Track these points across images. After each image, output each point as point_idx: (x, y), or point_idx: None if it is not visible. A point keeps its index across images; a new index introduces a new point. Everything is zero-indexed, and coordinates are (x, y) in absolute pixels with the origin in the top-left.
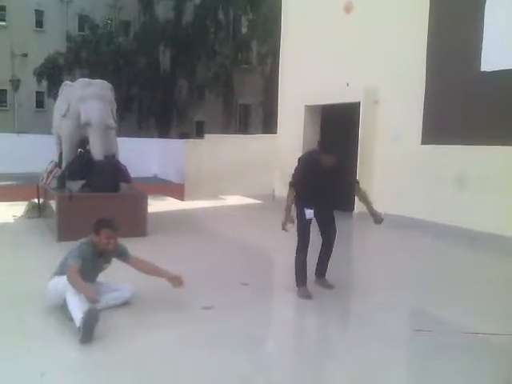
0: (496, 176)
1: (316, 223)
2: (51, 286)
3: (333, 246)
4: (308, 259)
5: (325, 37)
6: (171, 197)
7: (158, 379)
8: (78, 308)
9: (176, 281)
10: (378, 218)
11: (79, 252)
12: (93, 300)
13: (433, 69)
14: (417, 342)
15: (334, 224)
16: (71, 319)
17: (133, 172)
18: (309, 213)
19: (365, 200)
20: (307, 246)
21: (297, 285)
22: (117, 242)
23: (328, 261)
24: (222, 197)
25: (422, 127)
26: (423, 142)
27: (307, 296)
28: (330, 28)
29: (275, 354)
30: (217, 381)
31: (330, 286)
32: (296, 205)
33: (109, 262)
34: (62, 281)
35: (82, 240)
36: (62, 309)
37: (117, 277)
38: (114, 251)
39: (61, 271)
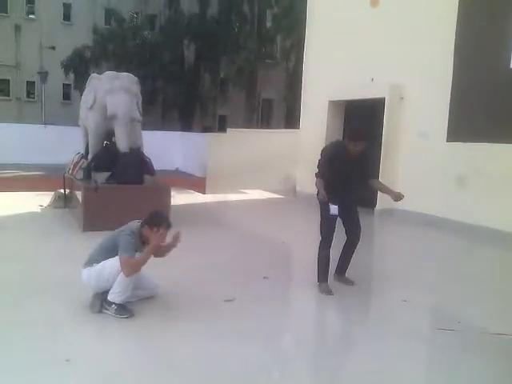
0: None
1: (340, 221)
2: (84, 273)
3: (357, 245)
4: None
5: (350, 31)
6: (193, 190)
7: (181, 370)
8: (120, 290)
9: (174, 241)
10: (396, 195)
11: (128, 245)
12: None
13: (460, 65)
14: (438, 341)
15: (359, 222)
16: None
17: (156, 165)
18: (334, 208)
19: (382, 185)
20: (331, 242)
21: (318, 280)
22: None
23: (350, 259)
24: (244, 191)
25: (447, 124)
26: (449, 140)
27: (328, 292)
28: (356, 22)
29: (295, 348)
30: (238, 372)
31: (350, 282)
32: (319, 200)
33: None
34: (107, 269)
35: (127, 231)
36: (93, 300)
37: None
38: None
39: (96, 258)
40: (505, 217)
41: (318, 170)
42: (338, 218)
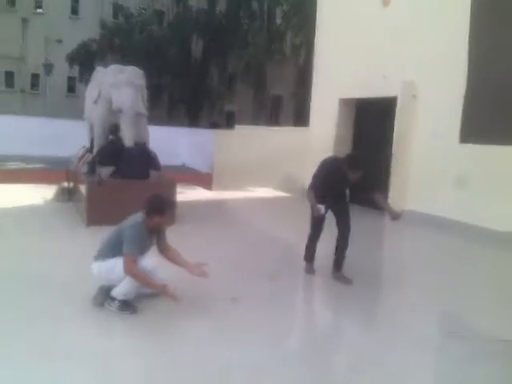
0: None
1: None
2: (95, 267)
3: (347, 239)
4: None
5: (361, 28)
6: (199, 186)
7: (183, 368)
8: (126, 290)
9: (197, 270)
10: (395, 214)
11: (135, 239)
12: (172, 295)
13: (475, 64)
14: (447, 346)
15: (348, 218)
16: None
17: (162, 160)
18: (320, 208)
19: (382, 201)
20: (317, 236)
21: (304, 259)
22: None
23: (343, 254)
24: (251, 188)
25: (460, 125)
26: (462, 141)
27: (311, 271)
28: (367, 18)
29: (298, 349)
30: (237, 373)
31: (348, 281)
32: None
33: (156, 236)
34: (118, 266)
35: (133, 223)
36: (97, 294)
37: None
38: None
39: (106, 253)
40: None
41: (312, 181)
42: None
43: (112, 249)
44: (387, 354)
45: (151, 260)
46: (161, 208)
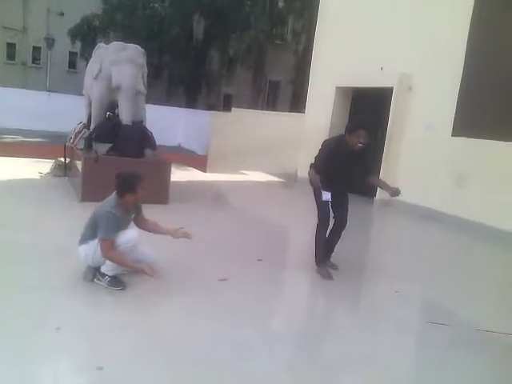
0: None
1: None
2: (81, 251)
3: (343, 230)
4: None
5: (362, 18)
6: (193, 167)
7: (166, 344)
8: (113, 265)
9: (179, 233)
10: (394, 190)
11: (109, 225)
12: (150, 274)
13: (472, 58)
14: (428, 334)
15: (347, 209)
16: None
17: (158, 140)
18: (326, 195)
19: (380, 181)
20: (328, 224)
21: (316, 263)
22: None
23: (335, 244)
24: (244, 172)
25: (454, 118)
26: (454, 134)
27: (328, 276)
28: (368, 9)
29: (283, 330)
30: (221, 350)
31: (334, 266)
32: (312, 187)
33: (133, 212)
34: (95, 248)
35: (108, 207)
36: (87, 270)
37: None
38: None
39: (89, 235)
40: (505, 215)
41: (314, 161)
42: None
43: (92, 231)
44: (369, 336)
45: (133, 233)
46: (131, 185)
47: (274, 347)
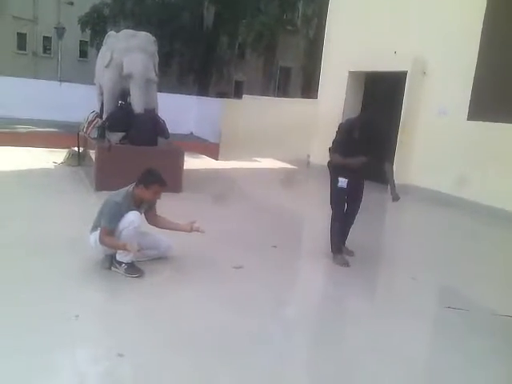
0: None
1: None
2: (91, 238)
3: (355, 215)
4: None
5: (374, 1)
6: (205, 155)
7: (183, 331)
8: (123, 255)
9: (191, 227)
10: (396, 196)
11: (112, 214)
12: (133, 252)
13: (487, 42)
14: (446, 320)
15: (361, 195)
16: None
17: (170, 128)
18: (342, 181)
19: (390, 175)
20: (343, 213)
21: (332, 251)
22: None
23: (349, 229)
24: (256, 159)
25: (469, 102)
26: (469, 118)
27: (344, 263)
28: None
29: (298, 318)
30: (238, 337)
31: (350, 252)
32: (330, 173)
33: (144, 208)
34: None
35: (116, 197)
36: (104, 258)
37: (156, 230)
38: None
39: (98, 223)
40: None
41: (332, 145)
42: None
43: (100, 219)
44: (387, 323)
45: (132, 215)
46: (146, 179)
47: (290, 336)
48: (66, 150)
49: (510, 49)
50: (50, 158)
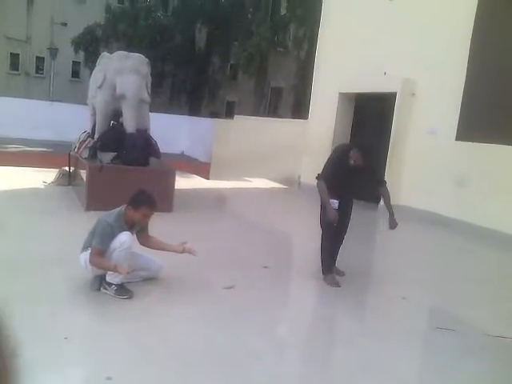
0: None
1: None
2: (81, 258)
3: (344, 235)
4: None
5: (365, 23)
6: (197, 175)
7: (174, 353)
8: (113, 276)
9: (183, 248)
10: (393, 223)
11: (103, 235)
12: (124, 273)
13: (475, 63)
14: (437, 340)
15: (350, 214)
16: (106, 283)
17: (161, 147)
18: (334, 203)
19: (387, 201)
20: (333, 233)
21: (323, 272)
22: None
23: (339, 248)
24: (247, 179)
25: (458, 123)
26: (458, 138)
27: (335, 283)
28: (371, 14)
29: (289, 338)
30: (229, 358)
31: (340, 273)
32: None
33: (136, 229)
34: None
35: (108, 218)
36: (93, 279)
37: (147, 251)
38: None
39: (88, 243)
40: (510, 219)
41: (322, 171)
42: None
43: (91, 239)
44: (377, 343)
45: (124, 236)
46: (135, 201)
47: (282, 355)
48: (57, 170)
49: (498, 70)
50: (40, 177)
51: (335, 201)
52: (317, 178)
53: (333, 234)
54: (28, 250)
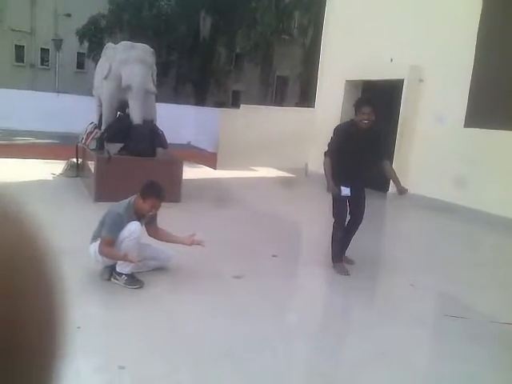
0: None
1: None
2: (91, 248)
3: (358, 226)
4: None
5: (371, 9)
6: (204, 165)
7: (184, 342)
8: (123, 266)
9: (192, 240)
10: (402, 189)
11: (113, 225)
12: (134, 262)
13: (483, 49)
14: (445, 327)
15: (364, 204)
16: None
17: (168, 138)
18: (345, 190)
19: (392, 174)
20: (344, 222)
21: (333, 261)
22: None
23: (351, 239)
24: (254, 168)
25: (466, 109)
26: (466, 125)
27: (345, 272)
28: (377, 0)
29: (299, 326)
30: (241, 345)
31: (350, 261)
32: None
33: (146, 220)
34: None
35: (118, 208)
36: (103, 269)
37: (157, 243)
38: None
39: (98, 233)
40: None
41: (327, 149)
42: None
43: (101, 229)
44: (386, 331)
45: (134, 226)
46: (144, 192)
47: (293, 343)
48: (65, 162)
49: (506, 55)
50: (48, 169)
51: (347, 188)
52: (324, 154)
53: (345, 223)
54: None
